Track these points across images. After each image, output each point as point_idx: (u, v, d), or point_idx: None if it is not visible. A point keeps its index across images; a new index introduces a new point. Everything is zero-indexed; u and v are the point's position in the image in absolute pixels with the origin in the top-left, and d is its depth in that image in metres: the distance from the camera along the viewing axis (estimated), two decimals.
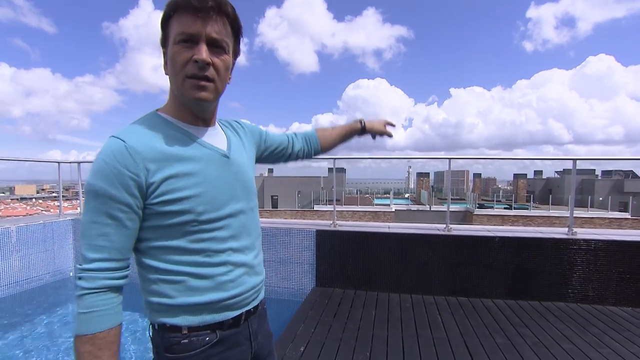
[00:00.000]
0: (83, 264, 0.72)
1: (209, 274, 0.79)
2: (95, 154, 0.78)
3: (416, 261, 3.48)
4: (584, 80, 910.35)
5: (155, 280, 0.78)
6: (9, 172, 16.54)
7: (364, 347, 2.44)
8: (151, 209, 0.74)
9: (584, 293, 3.22)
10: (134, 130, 0.76)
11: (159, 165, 0.74)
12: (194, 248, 0.78)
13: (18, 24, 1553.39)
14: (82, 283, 0.71)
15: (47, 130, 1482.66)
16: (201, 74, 0.74)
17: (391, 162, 28.29)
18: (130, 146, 0.72)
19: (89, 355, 0.69)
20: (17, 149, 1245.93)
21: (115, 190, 0.70)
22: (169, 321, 0.78)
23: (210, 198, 0.79)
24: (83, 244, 0.72)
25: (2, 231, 3.83)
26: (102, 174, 0.71)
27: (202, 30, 0.73)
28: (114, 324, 0.72)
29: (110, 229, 0.71)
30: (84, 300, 0.70)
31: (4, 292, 3.83)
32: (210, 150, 0.83)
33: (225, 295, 0.82)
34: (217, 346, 0.81)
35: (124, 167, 0.71)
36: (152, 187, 0.73)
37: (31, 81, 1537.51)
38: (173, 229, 0.76)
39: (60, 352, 2.88)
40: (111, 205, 0.71)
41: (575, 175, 3.58)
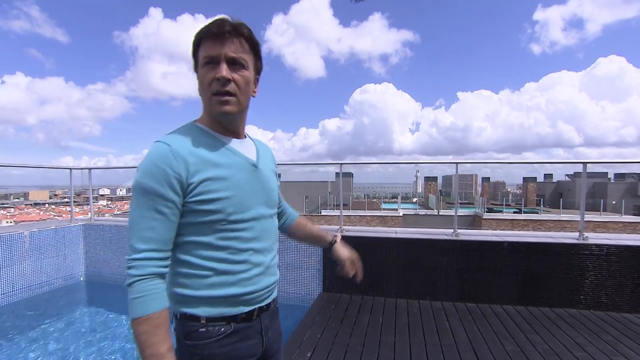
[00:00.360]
0: (132, 254, 0.80)
1: (230, 270, 0.88)
2: (105, 160, 0.83)
3: (424, 266, 3.45)
4: (594, 81, 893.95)
5: (183, 273, 0.87)
6: (24, 179, 16.85)
7: (371, 353, 2.43)
8: (188, 207, 0.84)
9: (596, 299, 3.15)
10: (176, 137, 0.86)
11: (198, 168, 0.83)
12: (220, 245, 0.87)
13: (33, 35, 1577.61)
14: (132, 272, 0.79)
15: (60, 137, 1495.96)
16: (223, 89, 0.85)
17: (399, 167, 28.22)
18: (174, 150, 0.82)
19: (146, 334, 0.76)
20: (31, 156, 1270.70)
21: (162, 188, 0.80)
22: (190, 311, 0.87)
23: (239, 201, 0.88)
24: (132, 236, 0.81)
25: (16, 236, 3.91)
26: (150, 174, 0.80)
27: (221, 51, 0.84)
28: (164, 306, 0.80)
29: (156, 222, 0.81)
30: (135, 287, 0.78)
31: (18, 296, 3.90)
32: (241, 158, 0.93)
33: (242, 291, 0.90)
34: (230, 337, 0.89)
35: (169, 167, 0.80)
36: (191, 187, 0.83)
37: (45, 90, 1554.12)
38: (205, 226, 0.85)
39: (71, 355, 2.91)
40: (158, 201, 0.80)
41: (585, 179, 3.52)
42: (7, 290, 3.81)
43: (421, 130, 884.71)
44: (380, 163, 4.61)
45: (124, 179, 8.48)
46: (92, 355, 2.92)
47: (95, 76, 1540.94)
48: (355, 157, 53.28)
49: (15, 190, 61.67)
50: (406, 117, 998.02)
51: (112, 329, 3.43)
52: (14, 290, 3.88)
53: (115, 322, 3.59)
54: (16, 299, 3.88)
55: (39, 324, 3.50)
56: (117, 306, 4.00)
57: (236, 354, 0.90)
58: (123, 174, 16.33)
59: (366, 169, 36.78)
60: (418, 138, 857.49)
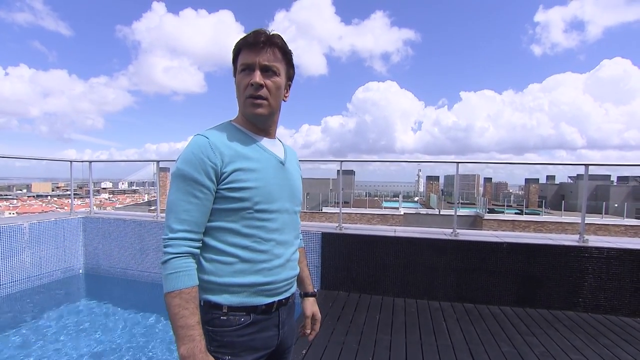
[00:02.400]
0: (169, 233, 0.88)
1: (253, 258, 0.94)
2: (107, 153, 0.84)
3: (422, 266, 3.44)
4: (598, 83, 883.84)
5: (209, 259, 0.93)
6: (27, 170, 16.98)
7: (367, 351, 2.42)
8: (220, 193, 0.91)
9: (595, 302, 3.13)
10: (214, 132, 0.96)
11: (231, 159, 0.92)
12: (246, 232, 0.93)
13: (37, 27, 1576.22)
14: (168, 249, 0.87)
15: (63, 130, 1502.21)
16: (256, 93, 0.94)
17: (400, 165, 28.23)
18: (212, 142, 0.91)
19: (179, 307, 0.84)
20: (35, 148, 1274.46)
21: (199, 175, 0.88)
22: (213, 299, 0.92)
23: (265, 192, 0.95)
24: (170, 217, 0.89)
25: (15, 228, 3.92)
26: (189, 162, 0.89)
27: (256, 59, 0.94)
28: (195, 283, 0.88)
29: (192, 206, 0.89)
30: (170, 263, 0.86)
31: (17, 287, 3.92)
32: (270, 155, 1.01)
33: (263, 280, 0.95)
34: (249, 327, 0.94)
35: (206, 157, 0.89)
36: (224, 175, 0.91)
37: (49, 82, 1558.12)
38: (232, 212, 0.92)
39: (69, 346, 2.93)
40: (195, 187, 0.89)
41: (587, 181, 3.49)
42: (6, 282, 3.82)
43: (423, 129, 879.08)
44: (381, 161, 4.60)
45: (126, 172, 8.48)
46: (90, 346, 2.94)
47: (98, 70, 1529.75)
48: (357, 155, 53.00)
49: (18, 182, 62.04)
50: (409, 116, 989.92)
51: (109, 321, 3.44)
52: (13, 282, 3.89)
53: (112, 315, 3.60)
54: (15, 290, 3.90)
55: (38, 315, 3.52)
56: (115, 299, 4.01)
57: (253, 344, 0.95)
58: (125, 167, 16.22)
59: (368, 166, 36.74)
60: (420, 137, 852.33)
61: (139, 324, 3.39)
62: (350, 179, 28.02)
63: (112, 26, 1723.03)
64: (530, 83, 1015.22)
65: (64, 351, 2.87)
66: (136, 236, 4.41)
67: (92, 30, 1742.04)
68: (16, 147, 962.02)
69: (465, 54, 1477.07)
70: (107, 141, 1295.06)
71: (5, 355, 2.79)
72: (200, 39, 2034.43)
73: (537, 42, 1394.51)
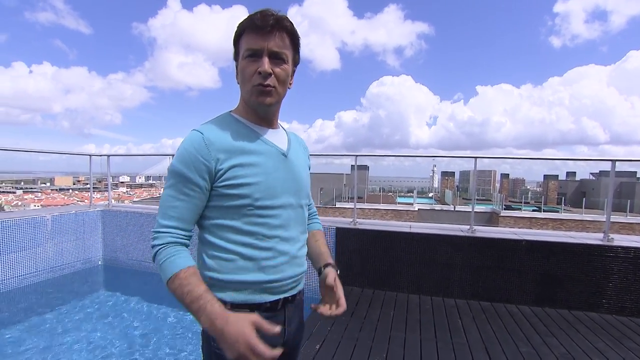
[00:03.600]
0: (156, 228, 0.88)
1: (255, 256, 0.90)
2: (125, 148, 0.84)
3: (438, 262, 3.38)
4: (624, 76, 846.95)
5: (211, 255, 0.91)
6: (51, 164, 17.65)
7: (381, 348, 2.40)
8: (217, 191, 0.88)
9: (620, 304, 3.01)
10: (210, 126, 0.91)
11: (228, 155, 0.88)
12: (247, 230, 0.90)
13: (58, 26, 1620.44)
14: (155, 242, 0.87)
15: (83, 125, 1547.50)
16: (264, 82, 0.88)
17: (415, 160, 27.84)
18: (207, 138, 0.87)
19: (180, 287, 0.81)
20: (57, 143, 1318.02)
21: (191, 173, 0.86)
22: (217, 295, 0.87)
23: (267, 188, 0.90)
24: (159, 212, 0.89)
25: (39, 220, 4.05)
26: (182, 159, 0.87)
27: (264, 45, 0.87)
28: (188, 263, 0.85)
29: (180, 202, 0.87)
30: (159, 254, 0.85)
31: (41, 277, 4.06)
32: (271, 147, 0.95)
33: (266, 278, 0.91)
34: None
35: (199, 154, 0.85)
36: (220, 173, 0.87)
37: (70, 79, 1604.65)
38: (232, 210, 0.89)
39: (89, 334, 3.02)
40: (185, 184, 0.86)
41: (613, 178, 3.35)
42: (31, 271, 3.97)
43: (438, 124, 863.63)
44: (396, 156, 4.52)
45: (143, 166, 8.65)
46: (108, 335, 3.02)
47: (116, 66, 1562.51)
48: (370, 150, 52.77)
49: (42, 175, 64.36)
50: (423, 111, 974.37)
51: (126, 311, 3.53)
52: (37, 272, 4.03)
53: (130, 305, 3.69)
54: (39, 280, 4.04)
55: (61, 304, 3.64)
56: (132, 290, 4.11)
57: None
58: (142, 162, 16.61)
59: (382, 162, 36.44)
60: (435, 132, 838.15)
61: (154, 314, 3.46)
62: (364, 174, 27.84)
63: (128, 23, 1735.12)
64: (550, 76, 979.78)
65: (84, 339, 2.96)
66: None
67: (110, 28, 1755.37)
68: (40, 142, 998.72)
69: (482, 47, 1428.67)
70: (125, 136, 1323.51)
71: (31, 341, 2.90)
72: (214, 34, 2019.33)
73: (556, 34, 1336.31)
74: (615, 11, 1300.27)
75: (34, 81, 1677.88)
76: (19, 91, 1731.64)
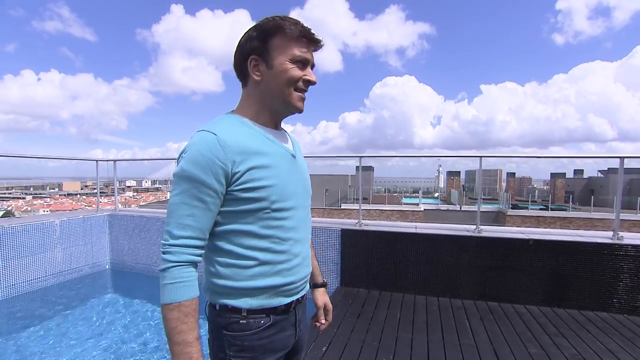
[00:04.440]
0: (170, 240, 0.82)
1: (272, 260, 0.89)
2: (131, 152, 0.83)
3: (444, 263, 3.36)
4: (631, 71, 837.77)
5: (224, 263, 0.87)
6: (59, 170, 17.76)
7: (388, 350, 2.39)
8: (232, 195, 0.84)
9: (632, 304, 2.96)
10: (221, 127, 0.86)
11: (243, 157, 0.84)
12: (264, 234, 0.87)
13: (65, 35, 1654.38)
14: (169, 257, 0.81)
15: (90, 131, 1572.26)
16: (306, 89, 0.92)
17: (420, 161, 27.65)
18: (222, 139, 0.82)
19: (177, 321, 0.78)
20: (65, 149, 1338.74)
21: (207, 177, 0.80)
22: (231, 303, 0.87)
23: (281, 189, 0.89)
24: (171, 222, 0.82)
25: (48, 225, 4.10)
26: (196, 163, 0.80)
27: (311, 58, 0.91)
28: (195, 295, 0.81)
29: (197, 210, 0.81)
30: (170, 272, 0.80)
31: (50, 281, 4.11)
32: (282, 148, 0.94)
33: (283, 281, 0.91)
34: (269, 329, 0.90)
35: (215, 157, 0.81)
36: (237, 176, 0.83)
37: (76, 86, 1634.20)
38: (248, 214, 0.86)
39: (97, 337, 3.04)
40: (202, 189, 0.81)
41: (622, 175, 3.30)
42: (40, 275, 4.02)
43: (442, 123, 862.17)
44: (400, 156, 4.50)
45: (149, 170, 8.72)
46: (116, 338, 3.04)
47: (121, 72, 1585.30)
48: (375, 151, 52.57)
49: (50, 181, 65.19)
50: (427, 111, 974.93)
51: (134, 315, 3.55)
52: (46, 276, 4.08)
53: (137, 309, 3.71)
54: (49, 284, 4.09)
55: (70, 308, 3.68)
56: (140, 293, 4.14)
57: (272, 346, 0.91)
58: (148, 166, 16.79)
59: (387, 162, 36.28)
60: (440, 132, 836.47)
61: (161, 316, 3.48)
62: (369, 175, 27.79)
63: (132, 30, 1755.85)
64: (555, 73, 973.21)
65: (93, 342, 2.98)
66: (159, 233, 4.52)
67: (115, 35, 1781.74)
68: (49, 148, 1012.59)
69: (485, 46, 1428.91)
70: (131, 141, 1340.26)
71: (41, 344, 2.93)
72: (217, 38, 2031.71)
73: (558, 31, 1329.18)
74: (619, 7, 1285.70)
75: (42, 88, 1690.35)
76: (28, 99, 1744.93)
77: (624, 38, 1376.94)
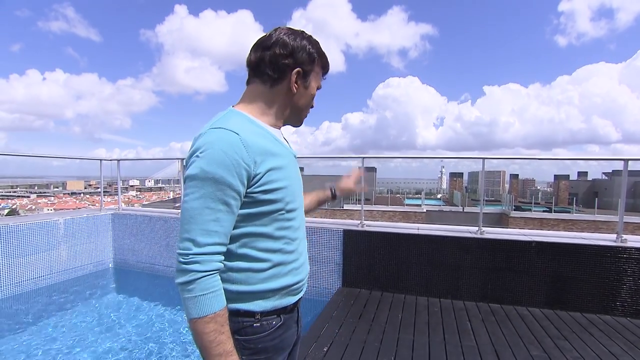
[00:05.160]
0: (194, 248, 0.75)
1: (284, 260, 0.90)
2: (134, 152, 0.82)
3: (446, 264, 3.36)
4: (636, 73, 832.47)
5: (237, 268, 0.84)
6: (63, 169, 17.89)
7: (389, 350, 2.39)
8: (251, 197, 0.82)
9: (635, 307, 2.94)
10: (238, 126, 0.82)
11: (263, 158, 0.82)
12: (278, 235, 0.87)
13: (70, 35, 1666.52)
14: (196, 267, 0.75)
15: (94, 130, 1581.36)
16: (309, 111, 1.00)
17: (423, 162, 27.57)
18: (244, 139, 0.79)
19: (215, 333, 0.75)
20: (69, 148, 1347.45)
21: (232, 178, 0.77)
22: (244, 307, 0.85)
23: (292, 190, 0.90)
24: (193, 229, 0.76)
25: (52, 223, 4.14)
26: (221, 163, 0.76)
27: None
28: (225, 302, 0.80)
29: (222, 214, 0.77)
30: (199, 284, 0.74)
31: (54, 279, 4.14)
32: (288, 149, 0.96)
33: (293, 280, 0.92)
34: (280, 329, 0.91)
35: (240, 158, 0.78)
36: (257, 177, 0.81)
37: (81, 85, 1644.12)
38: (264, 216, 0.85)
39: (100, 335, 3.06)
40: (227, 192, 0.77)
41: (626, 177, 3.28)
42: (45, 273, 4.05)
43: (445, 125, 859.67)
44: (403, 157, 4.50)
45: (152, 170, 8.78)
46: (119, 336, 3.06)
47: (125, 72, 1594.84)
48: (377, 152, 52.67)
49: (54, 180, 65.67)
50: (430, 112, 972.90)
51: (136, 314, 3.58)
52: (51, 274, 4.11)
53: (140, 307, 3.73)
54: (53, 282, 4.12)
55: (74, 306, 3.71)
56: (142, 293, 4.16)
57: (282, 344, 0.93)
58: (151, 165, 16.76)
59: (389, 163, 36.26)
60: (442, 133, 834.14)
61: (163, 317, 3.50)
62: (372, 176, 27.75)
63: (136, 30, 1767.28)
64: (559, 75, 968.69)
65: (96, 340, 3.00)
66: (162, 232, 4.55)
67: (119, 35, 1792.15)
68: (53, 147, 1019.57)
69: (487, 47, 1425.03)
70: (134, 140, 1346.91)
71: (44, 341, 2.96)
72: (220, 39, 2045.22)
73: (561, 33, 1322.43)
74: (622, 8, 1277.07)
75: (47, 88, 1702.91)
76: (33, 98, 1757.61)
77: (627, 40, 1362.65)
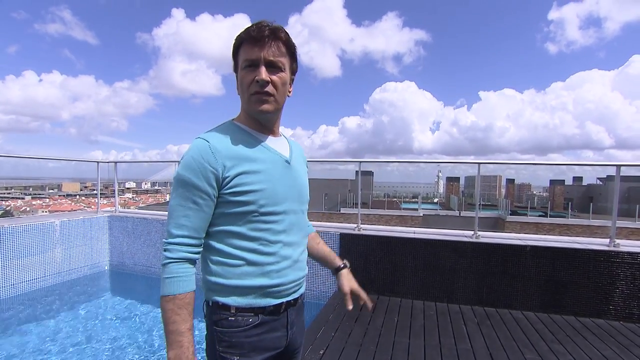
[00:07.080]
0: (169, 238, 0.89)
1: (260, 261, 0.93)
2: (131, 154, 0.87)
3: (442, 268, 3.38)
4: (628, 80, 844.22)
5: (216, 261, 0.93)
6: (59, 171, 17.81)
7: (384, 354, 2.40)
8: (223, 198, 0.90)
9: (628, 311, 2.98)
10: (215, 134, 0.92)
11: (234, 162, 0.89)
12: (252, 235, 0.92)
13: (67, 37, 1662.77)
14: (167, 254, 0.88)
15: (90, 132, 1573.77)
16: (262, 90, 0.91)
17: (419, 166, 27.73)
18: (213, 146, 0.88)
19: (171, 312, 0.85)
20: (65, 150, 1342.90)
21: (199, 180, 0.87)
22: (221, 300, 0.92)
23: (271, 194, 0.93)
24: (170, 223, 0.89)
25: (48, 225, 4.12)
26: (189, 167, 0.87)
27: (260, 55, 0.89)
28: (189, 289, 0.88)
29: (191, 212, 0.88)
30: (168, 268, 0.87)
31: (50, 281, 4.12)
32: (274, 154, 0.98)
33: (270, 282, 0.94)
34: (257, 328, 0.93)
35: (206, 162, 0.87)
36: (227, 180, 0.88)
37: (77, 87, 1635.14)
38: (238, 216, 0.91)
39: (94, 337, 3.05)
40: (194, 192, 0.87)
41: (618, 183, 3.33)
42: (40, 275, 4.02)
43: (442, 129, 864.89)
44: (400, 162, 4.53)
45: (149, 172, 8.76)
46: (115, 338, 3.05)
47: (122, 74, 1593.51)
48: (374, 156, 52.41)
49: (50, 181, 65.17)
50: (427, 116, 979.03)
51: (132, 316, 3.56)
52: (47, 276, 4.09)
53: (135, 310, 3.72)
54: (48, 284, 4.10)
55: (68, 308, 3.69)
56: (138, 294, 4.14)
57: (261, 344, 0.94)
58: (148, 168, 16.79)
59: (386, 167, 36.35)
60: (438, 137, 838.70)
61: (159, 320, 3.49)
62: (369, 180, 27.80)
63: (133, 33, 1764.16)
64: (553, 81, 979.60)
65: (91, 342, 2.99)
66: (158, 234, 4.54)
67: (116, 38, 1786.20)
68: (49, 149, 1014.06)
69: (482, 53, 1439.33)
70: (131, 142, 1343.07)
71: (39, 343, 2.93)
72: (216, 42, 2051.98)
73: (551, 40, 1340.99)
74: (609, 18, 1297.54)
75: (44, 89, 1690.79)
76: (29, 99, 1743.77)
77: (615, 48, 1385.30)
